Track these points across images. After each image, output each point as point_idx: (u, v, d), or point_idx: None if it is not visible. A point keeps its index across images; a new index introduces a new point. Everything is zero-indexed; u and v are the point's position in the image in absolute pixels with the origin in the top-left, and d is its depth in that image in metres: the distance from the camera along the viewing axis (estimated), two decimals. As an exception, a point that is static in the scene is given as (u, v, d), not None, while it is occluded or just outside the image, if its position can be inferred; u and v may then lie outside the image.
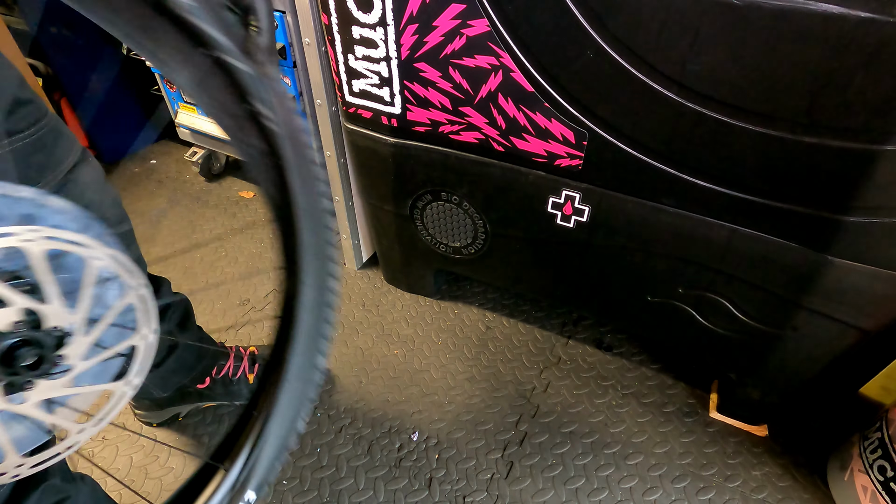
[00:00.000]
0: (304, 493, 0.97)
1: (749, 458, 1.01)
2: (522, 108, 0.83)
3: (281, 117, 0.40)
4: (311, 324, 0.54)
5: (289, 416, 0.55)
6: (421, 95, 0.90)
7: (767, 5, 0.60)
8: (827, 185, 0.68)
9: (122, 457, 1.04)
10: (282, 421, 0.54)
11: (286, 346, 0.52)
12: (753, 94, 0.66)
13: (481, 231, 1.07)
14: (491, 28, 0.77)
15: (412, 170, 1.03)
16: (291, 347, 0.52)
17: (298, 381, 0.54)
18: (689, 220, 0.82)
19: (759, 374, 0.96)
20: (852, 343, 0.82)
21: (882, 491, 0.83)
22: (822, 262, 0.75)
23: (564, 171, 0.87)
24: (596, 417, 1.09)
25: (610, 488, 0.97)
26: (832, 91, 0.62)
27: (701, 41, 0.65)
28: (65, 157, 0.66)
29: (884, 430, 0.86)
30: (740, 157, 0.72)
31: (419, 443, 1.05)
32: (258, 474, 0.54)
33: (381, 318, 1.31)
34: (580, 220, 0.92)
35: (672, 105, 0.71)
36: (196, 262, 1.47)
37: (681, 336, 1.00)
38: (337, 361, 1.21)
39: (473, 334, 1.27)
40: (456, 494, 0.97)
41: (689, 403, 1.11)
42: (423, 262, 1.25)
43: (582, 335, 1.26)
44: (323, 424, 1.08)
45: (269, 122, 0.39)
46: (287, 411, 0.54)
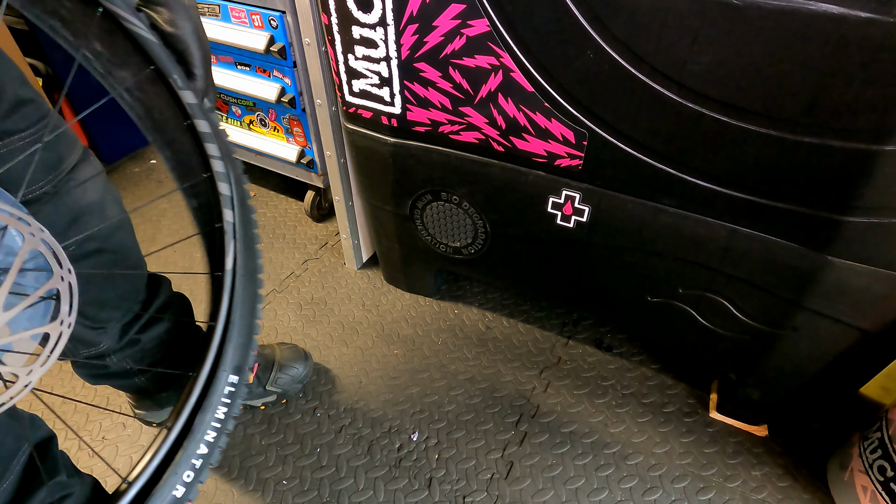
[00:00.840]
0: (304, 492, 0.97)
1: (749, 458, 1.01)
2: (522, 108, 0.83)
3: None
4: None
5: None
6: (421, 95, 0.90)
7: (767, 5, 0.60)
8: (827, 185, 0.68)
9: (121, 457, 1.04)
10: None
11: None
12: (753, 94, 0.66)
13: (481, 231, 1.07)
14: (491, 28, 0.77)
15: (412, 170, 1.03)
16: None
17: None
18: (689, 221, 0.82)
19: (759, 375, 0.96)
20: (852, 343, 0.82)
21: (882, 491, 0.83)
22: (822, 262, 0.75)
23: (564, 171, 0.87)
24: (596, 417, 1.09)
25: (610, 488, 0.97)
26: (832, 91, 0.62)
27: (701, 41, 0.65)
28: (66, 156, 0.66)
29: (884, 431, 0.86)
30: (740, 158, 0.72)
31: (419, 443, 1.05)
32: (233, 358, 0.61)
33: (381, 318, 1.31)
34: (580, 221, 0.92)
35: (672, 105, 0.71)
36: (196, 262, 1.47)
37: (681, 336, 1.00)
38: (337, 361, 1.21)
39: (473, 334, 1.27)
40: (456, 494, 0.97)
41: (689, 403, 1.11)
42: (423, 262, 1.25)
43: (582, 335, 1.26)
44: (323, 424, 1.08)
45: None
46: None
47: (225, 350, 0.60)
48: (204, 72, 0.51)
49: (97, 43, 0.43)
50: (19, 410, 0.67)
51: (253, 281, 0.63)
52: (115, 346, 0.83)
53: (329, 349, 1.24)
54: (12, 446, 0.61)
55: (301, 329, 1.29)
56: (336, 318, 1.31)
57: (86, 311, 0.76)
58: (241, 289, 0.61)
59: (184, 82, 0.48)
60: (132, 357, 0.87)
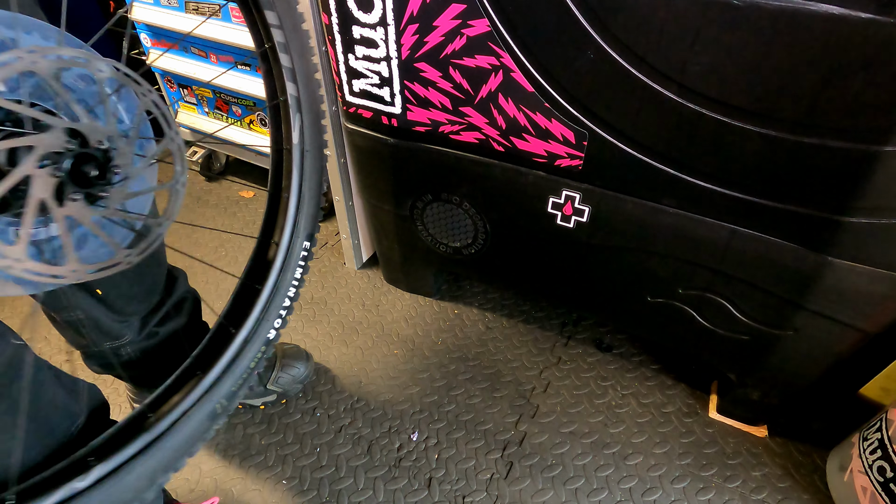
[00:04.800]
0: (303, 492, 0.97)
1: (749, 458, 1.01)
2: (523, 108, 0.83)
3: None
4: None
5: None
6: (421, 95, 0.90)
7: (767, 5, 0.60)
8: (827, 185, 0.68)
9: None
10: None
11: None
12: (753, 94, 0.66)
13: (481, 231, 1.07)
14: (491, 28, 0.77)
15: (412, 170, 1.03)
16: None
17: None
18: (688, 221, 0.82)
19: (758, 375, 0.96)
20: (852, 344, 0.82)
21: (881, 492, 0.83)
22: (821, 262, 0.75)
23: (564, 171, 0.87)
24: (596, 418, 1.09)
25: (609, 488, 0.97)
26: (832, 92, 0.62)
27: (701, 41, 0.65)
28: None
29: (883, 431, 0.86)
30: (740, 158, 0.72)
31: (419, 443, 1.05)
32: (307, 225, 0.68)
33: (381, 318, 1.31)
34: (580, 221, 0.92)
35: (672, 105, 0.71)
36: (196, 262, 1.47)
37: (680, 337, 1.00)
38: (337, 361, 1.21)
39: (473, 334, 1.27)
40: (455, 494, 0.97)
41: (689, 404, 1.11)
42: (423, 262, 1.25)
43: (582, 335, 1.26)
44: (323, 424, 1.08)
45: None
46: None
47: (298, 219, 0.66)
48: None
49: None
50: (80, 380, 0.72)
51: (320, 156, 0.68)
52: (135, 339, 0.86)
53: (329, 349, 1.24)
54: (67, 424, 0.66)
55: (301, 329, 1.29)
56: (336, 317, 1.32)
57: (115, 305, 0.79)
58: (309, 162, 0.66)
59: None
60: (147, 349, 0.88)
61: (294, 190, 0.65)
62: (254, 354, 0.64)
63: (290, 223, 0.66)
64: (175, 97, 1.59)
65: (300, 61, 0.59)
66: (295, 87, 0.60)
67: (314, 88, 0.64)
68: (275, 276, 0.65)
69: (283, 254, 0.66)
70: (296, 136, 0.63)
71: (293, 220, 0.66)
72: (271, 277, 0.65)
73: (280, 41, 0.56)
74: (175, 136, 0.46)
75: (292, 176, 0.65)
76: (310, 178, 0.67)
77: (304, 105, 0.62)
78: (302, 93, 0.61)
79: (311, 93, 0.63)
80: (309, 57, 0.60)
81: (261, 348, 0.65)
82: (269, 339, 0.66)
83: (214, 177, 1.82)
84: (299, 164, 0.64)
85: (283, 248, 0.66)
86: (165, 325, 0.89)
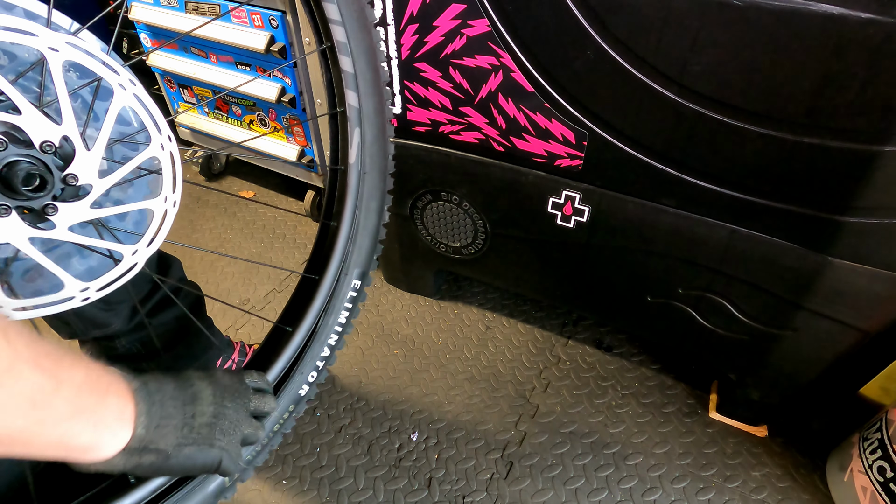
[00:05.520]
0: (303, 492, 0.97)
1: (749, 458, 1.01)
2: (523, 108, 0.83)
3: None
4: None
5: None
6: (421, 95, 0.90)
7: (768, 5, 0.60)
8: (827, 185, 0.68)
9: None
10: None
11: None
12: (754, 94, 0.66)
13: (481, 231, 1.07)
14: (491, 28, 0.77)
15: (412, 170, 1.03)
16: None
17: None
18: (688, 221, 0.82)
19: (758, 375, 0.96)
20: (852, 344, 0.82)
21: (881, 492, 0.83)
22: (821, 262, 0.75)
23: (564, 171, 0.87)
24: (595, 418, 1.09)
25: (609, 488, 0.97)
26: (832, 92, 0.62)
27: (701, 41, 0.65)
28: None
29: (883, 431, 0.86)
30: (740, 158, 0.72)
31: (419, 443, 1.05)
32: (358, 261, 0.57)
33: (381, 318, 1.31)
34: (580, 221, 0.92)
35: (672, 105, 0.71)
36: (196, 262, 1.47)
37: (680, 336, 1.00)
38: (337, 361, 1.21)
39: (473, 334, 1.27)
40: (455, 494, 0.97)
41: (689, 404, 1.11)
42: (423, 262, 1.25)
43: (582, 335, 1.26)
44: (323, 424, 1.08)
45: None
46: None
47: (349, 252, 0.56)
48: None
49: None
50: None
51: (382, 179, 0.57)
52: (124, 328, 0.83)
53: (329, 349, 1.24)
54: None
55: (301, 329, 1.29)
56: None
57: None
58: (367, 187, 0.55)
59: None
60: (139, 340, 0.87)
61: (346, 218, 0.55)
62: (279, 415, 0.54)
63: (338, 258, 0.56)
64: (175, 97, 1.59)
65: (365, 66, 0.49)
66: (356, 97, 0.50)
67: (381, 99, 0.53)
68: (311, 320, 0.55)
69: (325, 293, 0.56)
70: (353, 154, 0.53)
71: (342, 255, 0.56)
72: (307, 321, 0.55)
73: (341, 41, 0.46)
74: (165, 142, 0.37)
75: (346, 202, 0.54)
76: (367, 206, 0.56)
77: (365, 118, 0.52)
78: (364, 103, 0.51)
79: (376, 104, 0.52)
80: (376, 62, 0.50)
81: (289, 407, 0.54)
82: (301, 395, 0.55)
83: (214, 177, 1.82)
84: (355, 189, 0.54)
85: (327, 287, 0.56)
86: (158, 316, 0.86)
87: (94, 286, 0.38)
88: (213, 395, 0.44)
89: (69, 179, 0.34)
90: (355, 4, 0.46)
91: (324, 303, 0.56)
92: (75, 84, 0.35)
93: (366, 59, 0.49)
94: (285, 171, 1.52)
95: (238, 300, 1.35)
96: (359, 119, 0.51)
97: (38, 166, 0.33)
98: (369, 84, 0.50)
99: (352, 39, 0.47)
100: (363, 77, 0.49)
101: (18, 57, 0.32)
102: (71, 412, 0.33)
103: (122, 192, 0.38)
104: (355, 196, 0.55)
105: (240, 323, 1.29)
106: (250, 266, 1.46)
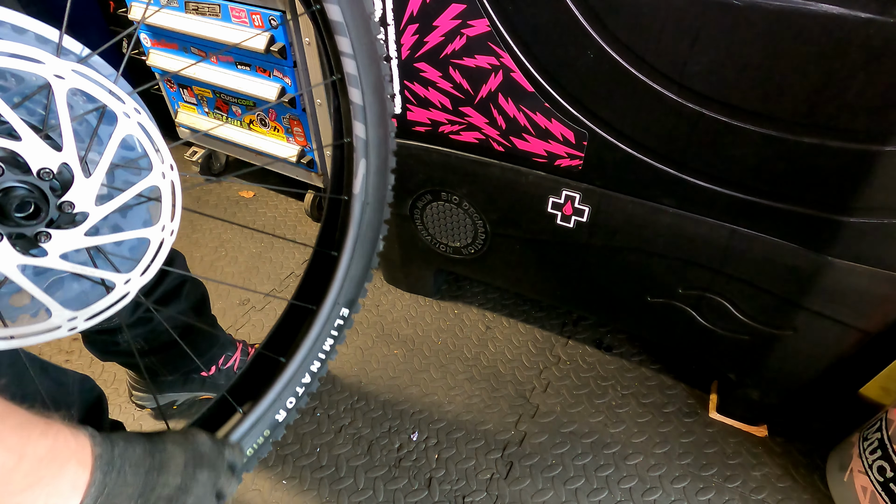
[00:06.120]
0: (303, 492, 0.97)
1: (748, 458, 1.01)
2: (522, 108, 0.83)
3: None
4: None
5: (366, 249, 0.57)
6: (421, 95, 0.90)
7: (767, 5, 0.60)
8: (827, 185, 0.68)
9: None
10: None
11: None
12: (753, 94, 0.66)
13: (481, 231, 1.07)
14: (491, 28, 0.77)
15: (412, 170, 1.03)
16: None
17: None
18: (688, 221, 0.82)
19: (758, 375, 0.96)
20: (852, 343, 0.82)
21: (881, 492, 0.83)
22: (821, 262, 0.75)
23: (564, 171, 0.87)
24: (595, 418, 1.09)
25: (609, 488, 0.97)
26: (832, 92, 0.62)
27: (701, 41, 0.65)
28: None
29: (883, 431, 0.86)
30: (740, 158, 0.72)
31: (419, 443, 1.05)
32: (350, 290, 0.57)
33: (381, 318, 1.31)
34: (580, 221, 0.92)
35: (672, 105, 0.71)
36: (196, 262, 1.47)
37: (681, 336, 1.00)
38: (337, 361, 1.21)
39: (473, 334, 1.27)
40: (455, 494, 0.97)
41: (689, 404, 1.11)
42: (423, 262, 1.25)
43: (582, 335, 1.26)
44: (323, 424, 1.08)
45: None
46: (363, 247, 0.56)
47: (344, 284, 0.56)
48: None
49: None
50: (70, 372, 0.67)
51: (380, 210, 0.57)
52: (126, 323, 0.83)
53: (329, 349, 1.24)
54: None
55: (301, 329, 1.29)
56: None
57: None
58: (368, 217, 0.55)
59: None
60: (143, 336, 0.87)
61: (347, 249, 0.55)
62: (254, 439, 0.54)
63: (336, 289, 0.55)
64: (175, 97, 1.59)
65: (373, 98, 0.49)
66: (364, 129, 0.51)
67: (386, 131, 0.53)
68: (305, 352, 0.55)
69: (321, 324, 0.55)
70: (358, 184, 0.53)
71: (340, 286, 0.56)
72: (301, 352, 0.54)
73: (351, 73, 0.47)
74: (167, 170, 0.37)
75: (348, 232, 0.54)
76: (365, 236, 0.56)
77: (371, 149, 0.52)
78: (371, 135, 0.51)
79: (381, 136, 0.53)
80: (384, 94, 0.51)
81: (264, 432, 0.54)
82: (278, 421, 0.56)
83: (214, 177, 1.82)
84: (358, 219, 0.54)
85: (323, 318, 0.55)
86: (161, 311, 0.86)
87: (82, 315, 0.37)
88: (184, 465, 0.42)
89: (65, 206, 0.33)
90: (366, 38, 0.46)
91: (319, 333, 0.56)
92: (81, 108, 0.34)
93: (374, 92, 0.49)
94: (285, 171, 1.52)
95: (238, 300, 1.35)
96: (365, 150, 0.52)
97: (34, 193, 0.32)
98: (376, 116, 0.51)
99: (362, 72, 0.48)
100: (371, 109, 0.50)
101: (26, 80, 0.32)
102: (27, 484, 0.33)
103: (119, 215, 0.38)
104: (357, 227, 0.55)
105: (240, 323, 1.29)
106: (250, 266, 1.46)
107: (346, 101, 0.49)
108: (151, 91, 1.77)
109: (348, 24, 0.44)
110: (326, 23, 0.43)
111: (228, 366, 1.06)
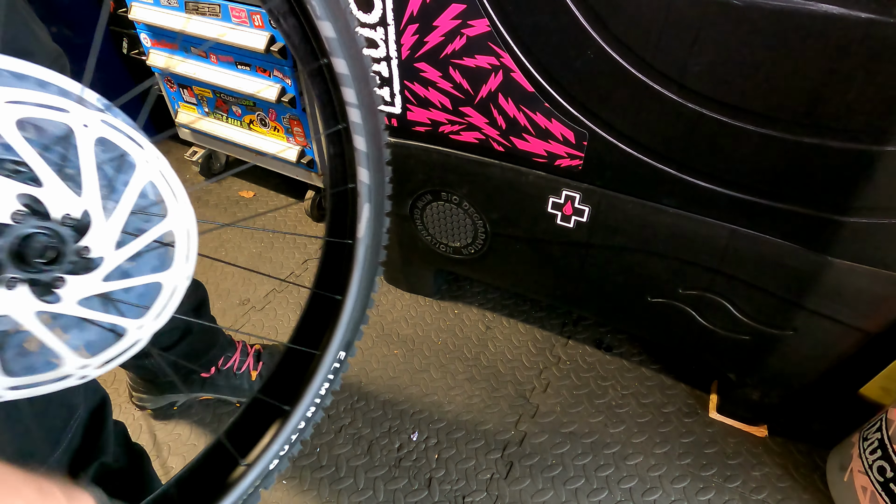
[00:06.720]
0: (303, 492, 0.97)
1: (748, 458, 1.01)
2: (523, 108, 0.83)
3: None
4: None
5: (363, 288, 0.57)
6: (421, 95, 0.90)
7: (767, 5, 0.60)
8: (827, 185, 0.68)
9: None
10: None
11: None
12: (753, 94, 0.66)
13: (481, 231, 1.07)
14: (491, 28, 0.77)
15: (412, 170, 1.03)
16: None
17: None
18: (689, 221, 0.82)
19: (758, 375, 0.96)
20: (852, 344, 0.82)
21: (881, 492, 0.83)
22: (821, 262, 0.75)
23: (564, 171, 0.87)
24: (595, 418, 1.09)
25: (609, 489, 0.97)
26: (832, 92, 0.62)
27: (701, 41, 0.65)
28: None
29: (883, 431, 0.86)
30: (740, 158, 0.72)
31: (419, 443, 1.05)
32: (349, 332, 0.57)
33: (381, 318, 1.31)
34: (580, 221, 0.92)
35: (672, 105, 0.71)
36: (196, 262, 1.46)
37: (680, 337, 1.00)
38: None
39: (473, 334, 1.27)
40: (455, 494, 0.97)
41: (689, 404, 1.11)
42: (423, 262, 1.25)
43: (582, 335, 1.26)
44: (323, 424, 1.08)
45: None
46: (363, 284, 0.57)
47: (347, 327, 0.57)
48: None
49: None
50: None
51: (377, 251, 0.58)
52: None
53: (329, 349, 1.24)
54: (65, 416, 0.64)
55: (301, 329, 1.29)
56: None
57: None
58: (368, 259, 0.56)
59: (322, 10, 0.41)
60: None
61: (352, 293, 0.55)
62: (245, 488, 0.52)
63: (341, 334, 0.55)
64: (175, 97, 1.59)
65: (373, 145, 0.51)
66: (367, 174, 0.52)
67: (383, 176, 0.55)
68: (310, 399, 0.54)
69: (325, 370, 0.55)
70: (362, 228, 0.53)
71: (344, 330, 0.55)
72: (305, 399, 0.54)
73: (356, 122, 0.49)
74: (182, 216, 0.37)
75: (352, 275, 0.54)
76: (364, 278, 0.56)
77: (373, 194, 0.53)
78: (373, 179, 0.53)
79: (380, 180, 0.54)
80: (381, 142, 0.53)
81: (255, 483, 0.53)
82: (269, 469, 0.55)
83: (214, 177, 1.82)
84: (362, 263, 0.54)
85: (328, 364, 0.55)
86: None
87: (93, 363, 0.36)
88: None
89: (82, 252, 0.33)
90: (367, 89, 0.49)
91: (324, 379, 0.56)
92: (99, 157, 0.35)
93: (373, 139, 0.52)
94: (285, 171, 1.52)
95: (238, 300, 1.35)
96: (369, 194, 0.53)
97: (54, 239, 0.32)
98: (376, 162, 0.53)
99: (365, 121, 0.50)
100: (372, 155, 0.52)
101: (47, 130, 0.32)
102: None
103: (128, 262, 0.37)
104: (361, 270, 0.55)
105: (239, 324, 1.29)
106: (250, 266, 1.46)
107: (350, 147, 0.51)
108: (151, 90, 1.77)
109: (354, 76, 0.46)
110: (333, 76, 0.46)
111: (228, 366, 1.06)
